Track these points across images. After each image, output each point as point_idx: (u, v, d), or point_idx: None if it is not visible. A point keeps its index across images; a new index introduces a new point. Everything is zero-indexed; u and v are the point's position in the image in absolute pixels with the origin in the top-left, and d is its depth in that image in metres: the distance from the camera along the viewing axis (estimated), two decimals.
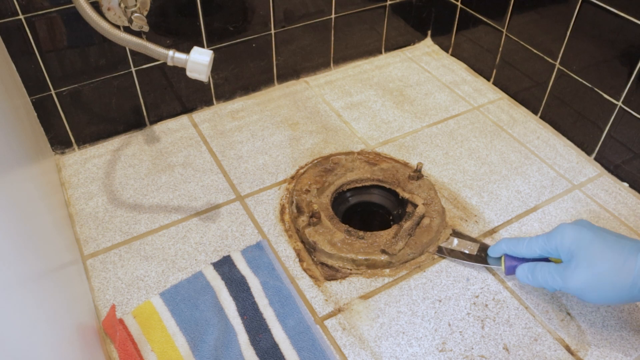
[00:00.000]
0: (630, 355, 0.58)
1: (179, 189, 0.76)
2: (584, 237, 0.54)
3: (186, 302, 0.61)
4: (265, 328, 0.59)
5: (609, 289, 0.52)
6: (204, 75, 0.58)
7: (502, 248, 0.62)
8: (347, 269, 0.65)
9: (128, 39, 0.59)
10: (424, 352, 0.58)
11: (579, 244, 0.54)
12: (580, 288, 0.54)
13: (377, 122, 0.88)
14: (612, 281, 0.52)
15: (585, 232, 0.54)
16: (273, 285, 0.62)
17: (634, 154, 0.76)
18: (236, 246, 0.68)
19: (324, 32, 0.93)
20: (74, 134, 0.80)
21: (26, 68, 0.71)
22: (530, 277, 0.58)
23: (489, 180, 0.78)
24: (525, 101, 0.91)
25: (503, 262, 0.62)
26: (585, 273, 0.53)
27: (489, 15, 0.92)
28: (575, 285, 0.54)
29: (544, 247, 0.57)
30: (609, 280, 0.52)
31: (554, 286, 0.56)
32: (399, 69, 1.00)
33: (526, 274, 0.58)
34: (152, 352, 0.57)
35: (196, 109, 0.89)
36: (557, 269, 0.55)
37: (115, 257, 0.67)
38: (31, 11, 0.68)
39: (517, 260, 0.61)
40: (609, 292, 0.52)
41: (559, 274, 0.55)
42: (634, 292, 0.51)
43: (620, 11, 0.71)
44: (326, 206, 0.71)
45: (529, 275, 0.58)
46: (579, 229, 0.55)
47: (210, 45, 0.83)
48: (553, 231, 0.57)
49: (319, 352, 0.56)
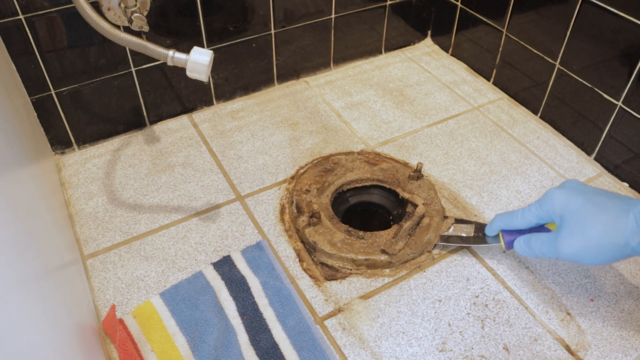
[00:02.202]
0: (630, 355, 0.58)
1: (179, 189, 0.76)
2: (573, 202, 0.54)
3: (186, 302, 0.61)
4: (265, 328, 0.59)
5: (602, 251, 0.52)
6: (204, 75, 0.58)
7: (498, 224, 0.62)
8: (347, 269, 0.65)
9: (128, 39, 0.59)
10: (424, 352, 0.58)
11: (569, 209, 0.54)
12: (575, 254, 0.53)
13: (377, 122, 0.88)
14: (605, 243, 0.51)
15: (575, 196, 0.54)
16: (273, 285, 0.62)
17: (634, 154, 0.76)
18: (236, 246, 0.68)
19: (324, 32, 0.93)
20: (74, 134, 0.80)
21: (26, 68, 0.71)
22: (527, 249, 0.58)
23: (489, 180, 0.78)
24: (525, 101, 0.91)
25: (501, 238, 0.62)
26: (577, 240, 0.53)
27: (489, 15, 0.92)
28: (569, 252, 0.54)
29: (537, 214, 0.57)
30: (602, 243, 0.52)
31: (549, 255, 0.56)
32: (399, 69, 1.00)
33: (523, 247, 0.59)
34: (152, 352, 0.57)
35: (196, 109, 0.89)
36: (550, 238, 0.55)
37: (115, 257, 0.67)
38: (31, 11, 0.68)
39: (515, 233, 0.61)
40: (603, 254, 0.52)
41: (553, 242, 0.55)
42: (628, 250, 0.51)
43: (620, 11, 0.71)
44: (326, 206, 0.71)
45: (525, 248, 0.58)
46: (567, 192, 0.55)
47: (210, 45, 0.83)
48: (543, 197, 0.57)
49: (319, 352, 0.56)
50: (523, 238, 0.59)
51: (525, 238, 0.59)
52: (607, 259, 0.53)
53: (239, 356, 0.56)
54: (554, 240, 0.55)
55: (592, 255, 0.53)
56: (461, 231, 0.67)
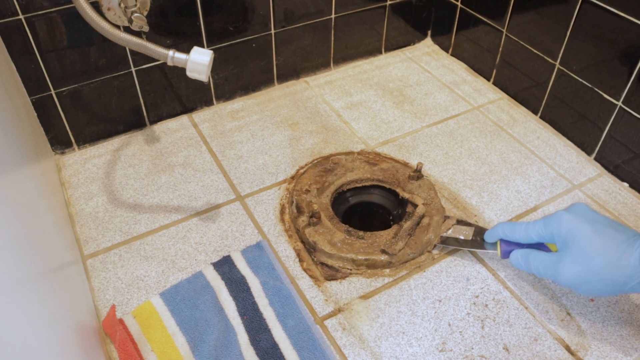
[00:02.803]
0: (630, 355, 0.58)
1: (179, 189, 0.76)
2: (580, 229, 0.53)
3: (186, 302, 0.61)
4: (265, 328, 0.59)
5: (600, 285, 0.52)
6: (204, 75, 0.58)
7: (499, 233, 0.61)
8: (347, 269, 0.65)
9: (128, 39, 0.59)
10: (424, 352, 0.58)
11: (574, 236, 0.53)
12: (573, 282, 0.54)
13: (377, 122, 0.88)
14: (606, 277, 0.52)
15: (583, 223, 0.54)
16: (273, 286, 0.62)
17: (634, 154, 0.76)
18: (236, 246, 0.68)
19: (324, 32, 0.93)
20: (74, 134, 0.80)
21: (26, 68, 0.71)
22: (523, 264, 0.58)
23: (489, 180, 0.78)
24: (525, 101, 0.91)
25: (499, 247, 0.62)
26: (578, 269, 0.53)
27: (489, 15, 0.92)
28: (568, 278, 0.54)
29: (540, 234, 0.57)
30: (602, 277, 0.52)
31: (545, 276, 0.56)
32: (399, 69, 1.00)
33: (519, 260, 0.58)
34: (152, 352, 0.57)
35: (196, 109, 0.89)
36: (550, 259, 0.55)
37: (115, 257, 0.67)
38: (31, 11, 0.68)
39: (513, 245, 0.60)
40: (600, 287, 0.52)
41: (552, 265, 0.55)
42: (625, 288, 0.51)
43: (620, 11, 0.71)
44: (326, 206, 0.71)
45: (522, 262, 0.58)
46: (576, 218, 0.54)
47: (210, 45, 0.83)
48: (550, 218, 0.56)
49: (319, 352, 0.56)
50: (521, 252, 0.58)
51: (524, 253, 0.58)
52: (603, 292, 0.53)
53: (239, 356, 0.56)
54: (554, 264, 0.55)
55: (590, 286, 0.53)
56: (460, 233, 0.67)
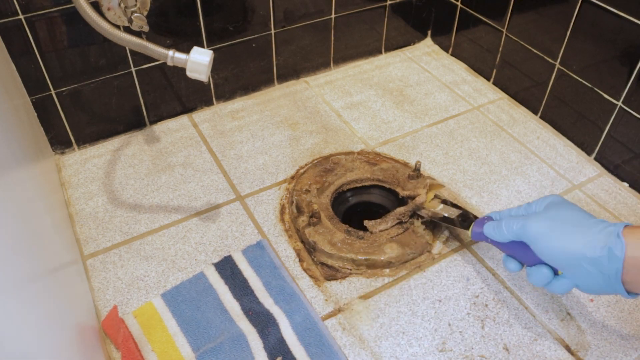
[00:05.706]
0: (630, 355, 0.58)
1: (179, 189, 0.76)
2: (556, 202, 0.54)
3: (187, 303, 0.61)
4: (272, 324, 0.59)
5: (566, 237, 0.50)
6: (204, 75, 0.58)
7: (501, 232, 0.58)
8: (347, 269, 0.65)
9: (128, 39, 0.59)
10: (424, 352, 0.58)
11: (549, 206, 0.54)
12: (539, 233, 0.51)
13: (377, 122, 0.88)
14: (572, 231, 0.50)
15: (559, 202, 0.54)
16: (276, 285, 0.63)
17: (634, 154, 0.76)
18: (236, 246, 0.68)
19: (324, 32, 0.93)
20: (74, 134, 0.80)
21: (26, 68, 0.71)
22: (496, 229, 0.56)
23: (489, 180, 0.78)
24: (525, 101, 0.91)
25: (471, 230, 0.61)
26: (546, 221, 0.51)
27: (489, 15, 0.92)
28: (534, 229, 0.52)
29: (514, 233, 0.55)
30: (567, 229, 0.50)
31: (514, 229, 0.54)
32: (399, 69, 1.00)
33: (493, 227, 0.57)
34: (152, 352, 0.57)
35: (196, 109, 0.89)
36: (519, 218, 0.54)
37: (115, 257, 0.67)
38: (31, 11, 0.68)
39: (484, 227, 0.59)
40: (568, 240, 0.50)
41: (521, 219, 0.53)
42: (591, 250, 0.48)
43: (620, 11, 0.71)
44: (326, 206, 0.71)
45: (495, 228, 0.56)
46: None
47: (210, 45, 0.83)
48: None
49: (326, 348, 0.57)
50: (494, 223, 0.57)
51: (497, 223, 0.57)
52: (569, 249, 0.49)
53: (248, 354, 0.56)
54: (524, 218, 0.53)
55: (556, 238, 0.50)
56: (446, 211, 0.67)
